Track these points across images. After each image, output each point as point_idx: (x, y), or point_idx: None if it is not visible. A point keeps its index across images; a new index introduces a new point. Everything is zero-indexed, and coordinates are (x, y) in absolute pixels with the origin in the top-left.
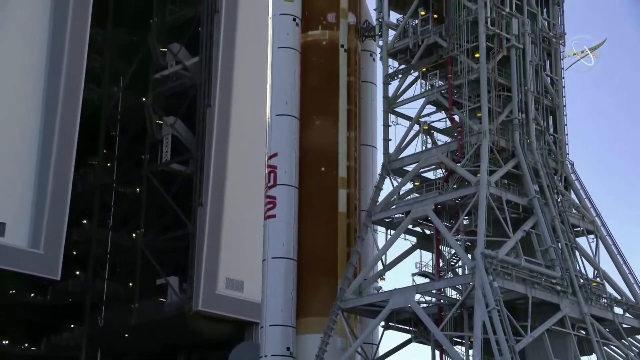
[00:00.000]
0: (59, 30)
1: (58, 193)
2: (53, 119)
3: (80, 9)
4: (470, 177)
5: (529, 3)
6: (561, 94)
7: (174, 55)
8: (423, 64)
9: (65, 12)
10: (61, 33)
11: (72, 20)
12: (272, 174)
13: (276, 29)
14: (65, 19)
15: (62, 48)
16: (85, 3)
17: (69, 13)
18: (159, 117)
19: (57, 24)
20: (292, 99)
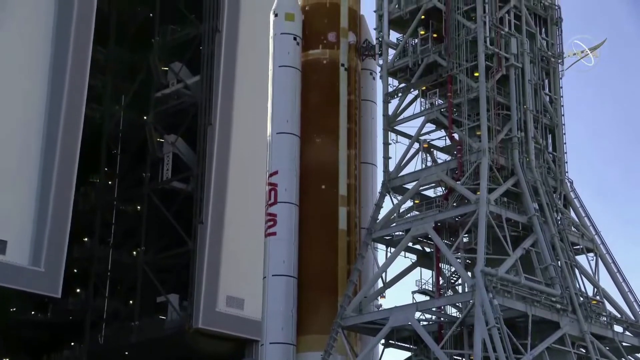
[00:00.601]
0: (61, 50)
1: (59, 211)
2: (55, 137)
3: (82, 29)
4: (470, 195)
5: (528, 23)
6: (560, 112)
7: (175, 74)
8: (423, 82)
9: (68, 32)
10: (64, 52)
11: (74, 39)
12: (272, 192)
13: (277, 48)
14: (67, 38)
15: (64, 67)
16: (88, 23)
17: (71, 32)
18: (160, 135)
19: (60, 43)
20: (293, 117)
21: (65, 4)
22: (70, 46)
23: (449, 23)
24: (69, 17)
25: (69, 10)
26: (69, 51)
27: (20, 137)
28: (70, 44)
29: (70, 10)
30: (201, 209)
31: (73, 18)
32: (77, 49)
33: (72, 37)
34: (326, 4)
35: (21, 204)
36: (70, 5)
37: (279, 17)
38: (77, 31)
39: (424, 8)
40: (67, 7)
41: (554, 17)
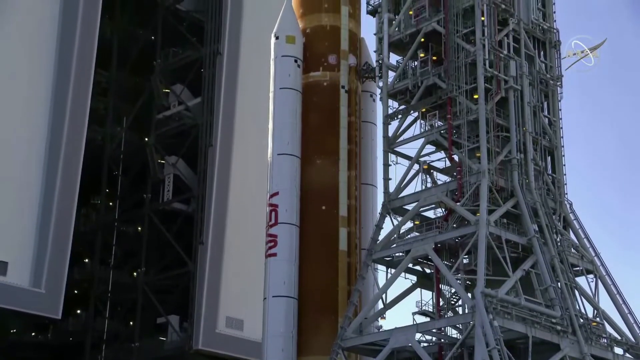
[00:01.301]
0: (64, 72)
1: (60, 232)
2: (57, 159)
3: (85, 52)
4: (470, 216)
5: (527, 46)
6: (559, 134)
7: (176, 96)
8: (422, 104)
9: (70, 55)
10: (66, 75)
11: (76, 62)
12: (273, 213)
13: (278, 70)
14: (70, 61)
15: (66, 89)
16: (90, 46)
17: (73, 56)
18: (161, 157)
19: (63, 66)
20: (294, 139)
21: (67, 28)
22: (73, 69)
23: (448, 46)
24: (71, 41)
25: (71, 34)
26: (72, 74)
27: (22, 158)
28: (72, 67)
29: (73, 34)
30: (201, 230)
31: (75, 42)
32: (80, 72)
33: (74, 60)
34: (327, 27)
35: (22, 225)
36: (73, 29)
37: (280, 40)
38: (80, 54)
39: (424, 31)
40: (70, 31)
41: (553, 40)
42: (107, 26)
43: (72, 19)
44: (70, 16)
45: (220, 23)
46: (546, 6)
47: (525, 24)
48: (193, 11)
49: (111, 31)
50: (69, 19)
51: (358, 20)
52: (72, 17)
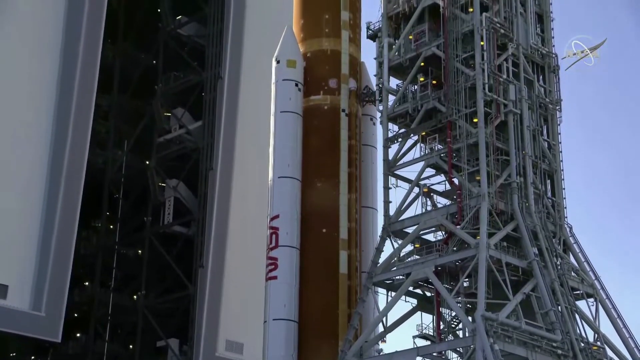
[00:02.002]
0: (66, 96)
1: (61, 255)
2: (58, 182)
3: (87, 77)
4: (470, 239)
5: (526, 70)
6: (558, 158)
7: (177, 119)
8: (422, 128)
9: (72, 78)
10: (68, 98)
11: (78, 86)
12: (273, 236)
13: (279, 94)
14: (72, 84)
15: (68, 113)
16: (92, 70)
17: (75, 80)
18: (161, 180)
19: (64, 89)
20: (294, 162)
21: (70, 52)
22: (75, 93)
23: (447, 70)
24: (73, 65)
25: (73, 58)
26: (73, 98)
27: (23, 180)
28: (74, 91)
29: (75, 57)
30: (202, 253)
31: (78, 65)
32: (81, 96)
33: (76, 84)
34: (327, 51)
35: (23, 248)
36: (75, 53)
37: (281, 64)
38: (82, 78)
39: (423, 55)
40: (72, 55)
41: (551, 64)
42: (109, 50)
43: (75, 43)
44: (73, 40)
45: (221, 47)
46: (545, 31)
47: (524, 49)
48: (194, 36)
49: (113, 55)
50: (72, 43)
51: (358, 44)
52: (75, 41)
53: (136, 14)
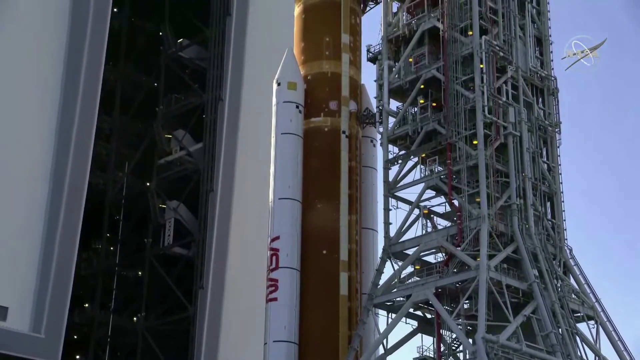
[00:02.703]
0: (67, 118)
1: (61, 277)
2: (59, 203)
3: (88, 99)
4: (470, 261)
5: (525, 93)
6: (558, 180)
7: (178, 141)
8: (422, 150)
9: (74, 101)
10: (69, 120)
11: (80, 108)
12: (274, 257)
13: (280, 116)
14: (73, 107)
15: (69, 135)
16: (94, 93)
17: (77, 102)
18: (162, 202)
19: (66, 112)
20: (295, 183)
21: (71, 75)
22: (76, 115)
23: (447, 92)
24: (75, 87)
25: (75, 81)
26: (75, 120)
27: (24, 202)
28: (76, 114)
29: (77, 80)
30: (202, 275)
31: (79, 88)
32: (83, 118)
33: (78, 107)
34: (328, 74)
35: (23, 270)
36: (77, 76)
37: (282, 86)
38: (84, 101)
39: (423, 78)
40: (74, 78)
41: (551, 87)
42: (111, 73)
43: (77, 67)
44: (75, 64)
45: (222, 70)
46: (543, 54)
47: (523, 72)
48: (196, 58)
49: (115, 78)
50: (73, 67)
51: (359, 67)
52: (77, 64)
53: (138, 37)
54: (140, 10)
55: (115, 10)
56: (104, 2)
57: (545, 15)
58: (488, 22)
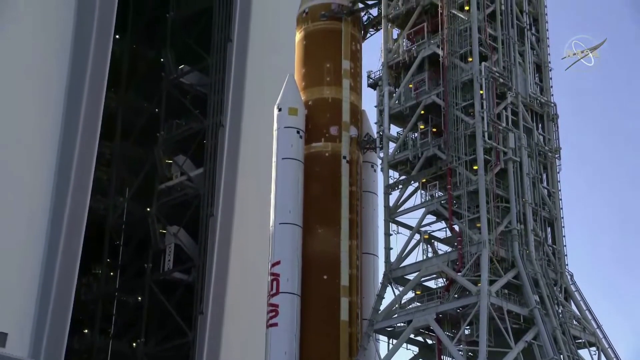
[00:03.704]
0: (68, 144)
1: (61, 302)
2: (59, 228)
3: (90, 125)
4: (471, 286)
5: (525, 119)
6: (558, 205)
7: (179, 166)
8: (423, 175)
9: (76, 127)
10: (71, 146)
11: (81, 135)
12: (274, 282)
13: (281, 141)
14: (75, 133)
15: (71, 160)
16: (95, 119)
17: (79, 128)
18: (162, 227)
19: (67, 138)
20: (296, 208)
21: (73, 101)
22: (78, 141)
23: (447, 118)
24: (77, 113)
25: (77, 107)
26: (76, 146)
27: (24, 226)
28: (77, 139)
29: (79, 107)
30: (202, 300)
31: (81, 114)
32: (84, 144)
33: (79, 132)
34: (328, 99)
35: (23, 295)
36: (79, 102)
37: (283, 112)
38: (85, 127)
39: (423, 103)
40: (76, 104)
41: (550, 113)
42: (112, 99)
43: (78, 93)
44: (77, 90)
45: (223, 96)
46: (543, 81)
47: (523, 98)
48: (197, 85)
49: (116, 104)
50: (75, 93)
51: (359, 92)
52: (79, 91)
53: (139, 63)
54: (142, 37)
55: (117, 37)
56: (106, 30)
57: (545, 42)
58: (488, 49)
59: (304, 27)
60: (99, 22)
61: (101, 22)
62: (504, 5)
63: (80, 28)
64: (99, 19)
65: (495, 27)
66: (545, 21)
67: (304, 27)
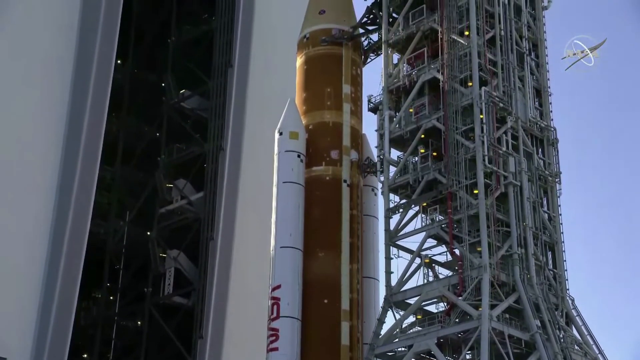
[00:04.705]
0: (69, 168)
1: (60, 326)
2: (59, 253)
3: (91, 149)
4: (472, 311)
5: (525, 143)
6: (559, 230)
7: (179, 190)
8: (423, 199)
9: (77, 151)
10: (71, 171)
11: (82, 159)
12: (275, 306)
13: (281, 165)
14: (76, 156)
15: (71, 185)
16: (96, 144)
17: (79, 152)
18: (162, 251)
19: (68, 162)
20: (296, 232)
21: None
22: (79, 165)
23: (448, 142)
24: (78, 138)
25: (78, 132)
26: (77, 170)
27: (25, 250)
28: (78, 163)
29: (80, 131)
30: (201, 324)
31: (82, 139)
32: (85, 168)
33: (80, 156)
34: (329, 124)
35: (23, 320)
36: (80, 126)
37: (284, 136)
38: (86, 151)
39: (424, 128)
40: (77, 129)
41: (550, 138)
42: (114, 123)
43: (80, 118)
44: (78, 114)
45: (224, 120)
46: (543, 105)
47: (523, 122)
48: (197, 109)
49: (117, 128)
50: (77, 117)
51: (360, 117)
52: (80, 115)
53: (141, 88)
54: (143, 62)
55: (119, 62)
56: (108, 55)
57: (544, 67)
58: (487, 74)
59: (305, 52)
60: (100, 46)
61: (103, 47)
62: (504, 31)
63: (82, 52)
64: (101, 43)
65: (495, 52)
66: (544, 47)
67: (304, 51)
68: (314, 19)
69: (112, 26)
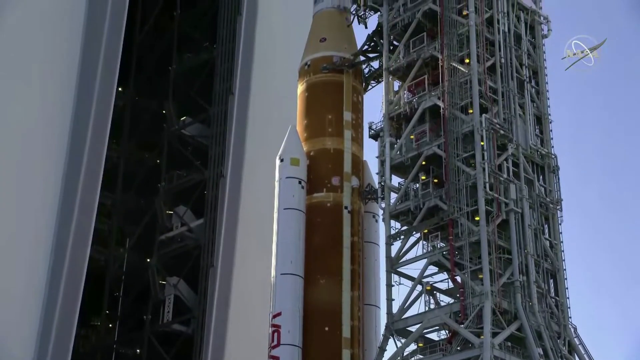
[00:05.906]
0: (69, 195)
1: (59, 355)
2: (58, 280)
3: (91, 176)
4: (474, 338)
5: (526, 170)
6: (560, 257)
7: (179, 217)
8: (424, 225)
9: (77, 178)
10: (72, 197)
11: (82, 186)
12: (275, 334)
13: (282, 191)
14: (76, 184)
15: (71, 211)
16: (96, 171)
17: (80, 179)
18: (162, 278)
19: (69, 188)
20: (297, 259)
21: (76, 153)
22: (79, 192)
23: (448, 169)
24: (78, 165)
25: (79, 159)
26: (77, 197)
27: (24, 277)
28: (78, 190)
29: (81, 158)
30: (201, 352)
31: (83, 166)
32: (85, 195)
33: (80, 184)
34: (330, 150)
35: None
36: (81, 153)
37: (285, 162)
38: (86, 178)
39: (425, 154)
40: (78, 156)
41: (551, 165)
42: (114, 150)
43: (81, 145)
44: (79, 141)
45: (224, 147)
46: (543, 132)
47: (523, 149)
48: (198, 136)
49: (117, 155)
50: (77, 145)
51: (361, 143)
52: (81, 142)
53: (141, 115)
54: (144, 89)
55: (120, 90)
56: (109, 83)
57: (544, 94)
58: (488, 101)
59: (306, 79)
60: (102, 73)
61: (104, 74)
62: (504, 59)
63: (84, 79)
64: (103, 71)
65: (495, 79)
66: (544, 74)
67: (306, 79)
68: (315, 46)
69: (114, 54)
